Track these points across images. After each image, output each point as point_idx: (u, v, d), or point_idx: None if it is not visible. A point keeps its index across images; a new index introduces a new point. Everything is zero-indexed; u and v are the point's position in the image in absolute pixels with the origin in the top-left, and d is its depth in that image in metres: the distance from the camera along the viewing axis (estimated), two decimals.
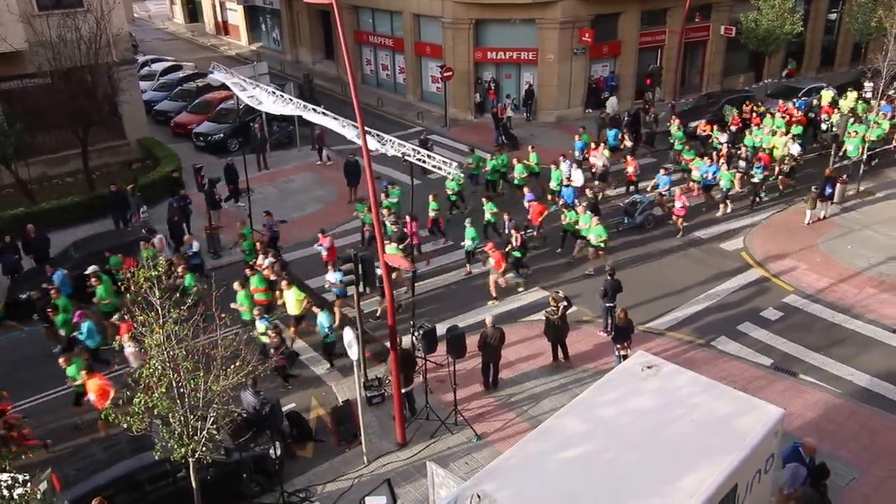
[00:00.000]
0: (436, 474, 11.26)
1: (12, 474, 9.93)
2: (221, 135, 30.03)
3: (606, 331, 17.15)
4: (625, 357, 14.68)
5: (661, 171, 23.89)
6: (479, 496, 9.01)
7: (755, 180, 23.93)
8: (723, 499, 9.35)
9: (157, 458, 11.37)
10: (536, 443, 10.19)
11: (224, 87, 27.73)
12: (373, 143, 15.64)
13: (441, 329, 15.32)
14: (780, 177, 24.93)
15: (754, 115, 28.84)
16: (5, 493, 9.62)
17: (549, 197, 23.75)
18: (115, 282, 15.93)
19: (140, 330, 10.67)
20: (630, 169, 24.47)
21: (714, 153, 25.08)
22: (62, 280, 17.90)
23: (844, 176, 24.17)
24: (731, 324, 17.77)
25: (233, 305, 16.51)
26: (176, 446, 10.88)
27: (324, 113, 20.36)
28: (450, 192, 23.21)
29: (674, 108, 30.28)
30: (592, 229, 19.81)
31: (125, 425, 10.51)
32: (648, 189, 23.80)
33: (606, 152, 25.37)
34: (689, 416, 10.27)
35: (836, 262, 20.36)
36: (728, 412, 10.33)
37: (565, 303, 15.98)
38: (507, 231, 20.34)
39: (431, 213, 21.68)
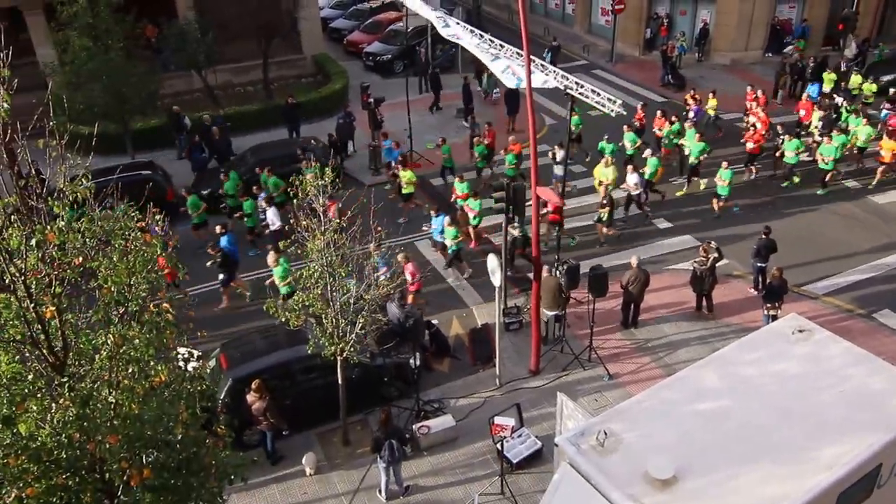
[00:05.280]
0: (565, 405, 11.56)
1: (189, 349, 11.20)
2: (389, 56, 30.82)
3: (757, 289, 16.49)
4: (774, 318, 14.13)
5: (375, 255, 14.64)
6: (605, 433, 9.14)
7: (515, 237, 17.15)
8: (864, 476, 9.00)
9: (309, 352, 12.40)
10: (671, 390, 10.15)
11: (394, 6, 28.07)
12: (538, 76, 15.40)
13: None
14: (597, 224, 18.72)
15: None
16: (182, 364, 10.87)
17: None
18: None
19: (304, 235, 11.58)
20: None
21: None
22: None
23: None
24: None
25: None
26: (327, 344, 11.88)
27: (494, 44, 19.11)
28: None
29: (857, 58, 27.23)
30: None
31: (283, 319, 11.55)
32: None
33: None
34: (839, 387, 9.82)
35: None
36: (883, 388, 9.78)
37: (716, 254, 15.47)
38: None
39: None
